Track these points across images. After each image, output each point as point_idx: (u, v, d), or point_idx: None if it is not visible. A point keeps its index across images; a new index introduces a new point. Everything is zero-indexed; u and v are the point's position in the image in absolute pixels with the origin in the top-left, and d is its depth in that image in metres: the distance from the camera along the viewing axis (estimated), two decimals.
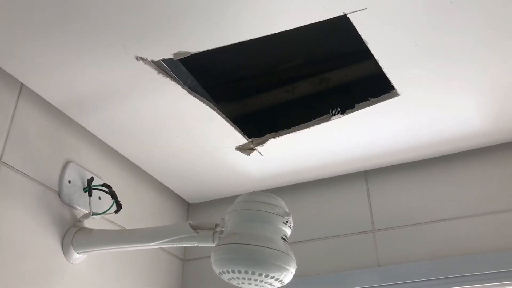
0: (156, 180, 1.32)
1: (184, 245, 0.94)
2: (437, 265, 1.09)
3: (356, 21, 0.83)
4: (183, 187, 1.35)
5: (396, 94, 1.00)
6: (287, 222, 0.85)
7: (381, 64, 0.93)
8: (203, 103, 1.03)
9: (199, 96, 1.02)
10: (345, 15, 0.82)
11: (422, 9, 0.82)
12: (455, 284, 1.07)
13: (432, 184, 1.19)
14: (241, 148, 1.17)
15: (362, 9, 0.81)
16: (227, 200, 1.38)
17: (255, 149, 1.17)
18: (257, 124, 1.23)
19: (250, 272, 0.79)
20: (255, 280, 0.80)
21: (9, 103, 0.95)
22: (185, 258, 1.36)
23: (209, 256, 0.85)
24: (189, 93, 1.01)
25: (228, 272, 0.81)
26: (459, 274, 1.07)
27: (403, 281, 1.11)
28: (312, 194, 1.30)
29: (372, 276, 1.14)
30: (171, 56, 0.91)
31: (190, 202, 1.44)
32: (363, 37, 0.86)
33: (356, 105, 1.03)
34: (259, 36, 0.87)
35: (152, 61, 0.92)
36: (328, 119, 1.06)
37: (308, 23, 0.84)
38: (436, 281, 1.09)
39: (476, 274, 1.06)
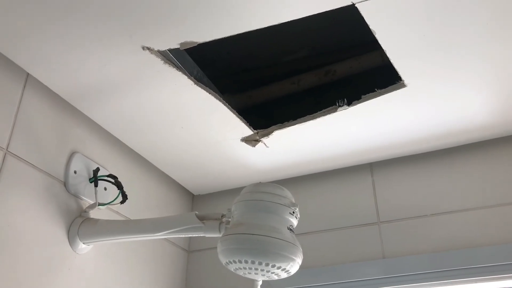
0: (161, 171, 1.32)
1: (190, 236, 0.94)
2: (442, 257, 1.09)
3: (364, 11, 0.83)
4: (188, 178, 1.36)
5: (403, 85, 0.99)
6: (293, 212, 0.85)
7: (388, 55, 0.92)
8: (209, 94, 1.03)
9: (205, 87, 1.02)
10: (353, 4, 0.81)
11: (430, 0, 0.81)
12: (460, 276, 1.07)
13: (438, 177, 1.19)
14: (246, 140, 1.17)
15: None
16: (232, 192, 1.38)
17: (260, 140, 1.16)
18: (263, 116, 1.22)
19: (257, 262, 0.79)
20: (262, 270, 0.80)
21: (15, 93, 0.95)
22: (190, 249, 1.36)
23: (214, 247, 0.85)
24: (195, 83, 1.00)
25: (235, 262, 0.81)
26: (464, 266, 1.07)
27: (408, 273, 1.11)
28: (317, 186, 1.30)
29: (377, 268, 1.14)
30: (178, 46, 0.91)
31: (195, 193, 1.44)
32: (371, 27, 0.86)
33: (363, 96, 1.03)
34: (266, 25, 0.86)
35: (159, 51, 0.92)
36: (334, 110, 1.06)
37: (316, 13, 0.84)
38: (441, 273, 1.09)
39: (481, 266, 1.06)
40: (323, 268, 1.19)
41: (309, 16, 0.85)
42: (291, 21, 0.86)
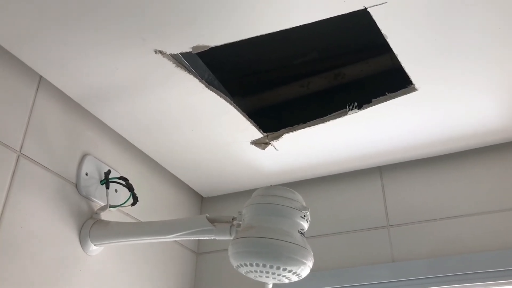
0: (171, 173, 1.32)
1: (201, 238, 0.95)
2: (451, 261, 1.09)
3: (376, 15, 0.83)
4: (198, 180, 1.36)
5: (414, 89, 0.99)
6: (304, 216, 0.85)
7: (400, 59, 0.92)
8: (220, 97, 1.03)
9: (216, 90, 1.03)
10: (365, 9, 0.82)
11: (441, 4, 0.81)
12: (469, 280, 1.07)
13: (448, 181, 1.19)
14: (256, 143, 1.17)
15: (383, 3, 0.80)
16: (241, 194, 1.38)
17: (270, 143, 1.17)
18: (272, 118, 1.23)
19: (268, 266, 0.79)
20: (273, 273, 0.81)
21: (28, 96, 0.96)
22: (199, 251, 1.37)
23: (223, 249, 0.85)
24: (206, 87, 1.01)
25: (245, 265, 0.82)
26: (474, 271, 1.07)
27: (417, 277, 1.11)
28: (327, 189, 1.30)
29: (387, 271, 1.14)
30: (190, 50, 0.91)
31: (204, 195, 1.44)
32: (382, 31, 0.86)
33: (373, 100, 1.03)
34: (278, 29, 0.87)
35: (171, 55, 0.93)
36: (345, 114, 1.06)
37: (328, 17, 0.84)
38: (451, 277, 1.09)
39: (491, 271, 1.06)
40: (333, 271, 1.18)
41: (319, 19, 0.85)
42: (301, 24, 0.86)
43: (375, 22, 0.84)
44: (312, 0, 0.81)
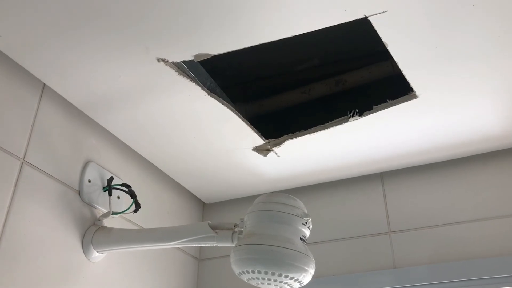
0: (173, 180, 1.33)
1: (203, 245, 0.95)
2: (453, 267, 1.09)
3: (377, 23, 0.83)
4: (199, 187, 1.36)
5: (415, 96, 1.00)
6: (306, 223, 0.85)
7: (400, 66, 0.93)
8: (222, 104, 1.04)
9: (218, 97, 1.03)
10: (366, 17, 0.82)
11: (441, 12, 0.82)
12: (472, 286, 1.07)
13: (449, 187, 1.19)
14: (258, 149, 1.18)
15: (383, 12, 0.81)
16: (243, 201, 1.38)
17: (271, 150, 1.17)
18: (274, 125, 1.23)
19: (269, 273, 0.80)
20: (275, 280, 0.81)
21: (32, 104, 0.96)
22: (200, 258, 1.37)
23: (224, 256, 0.86)
24: (208, 94, 1.01)
25: (247, 272, 0.82)
26: (476, 277, 1.07)
27: (419, 283, 1.11)
28: (328, 195, 1.31)
29: (388, 277, 1.14)
30: (192, 58, 0.92)
31: (206, 202, 1.45)
32: (383, 39, 0.86)
33: (374, 106, 1.04)
34: (280, 38, 0.87)
35: (173, 63, 0.93)
36: (346, 120, 1.07)
37: (329, 26, 0.85)
38: (453, 284, 1.09)
39: (493, 277, 1.06)
40: (334, 277, 1.19)
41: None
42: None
43: (375, 30, 0.85)
44: (313, 9, 0.81)
